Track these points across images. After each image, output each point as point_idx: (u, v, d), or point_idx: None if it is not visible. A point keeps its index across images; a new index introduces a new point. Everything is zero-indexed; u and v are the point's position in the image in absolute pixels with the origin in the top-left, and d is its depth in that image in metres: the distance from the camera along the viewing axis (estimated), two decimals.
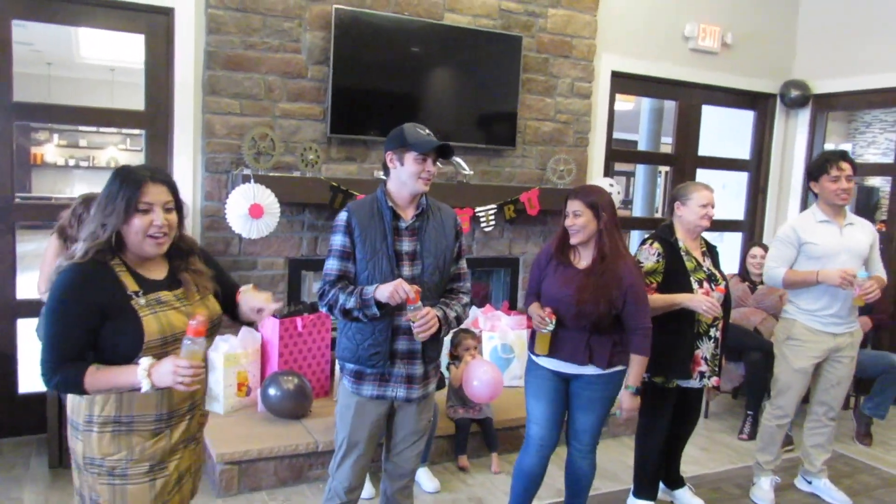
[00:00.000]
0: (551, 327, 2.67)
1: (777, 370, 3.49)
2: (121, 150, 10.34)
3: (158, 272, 1.86)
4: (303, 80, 4.05)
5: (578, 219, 2.71)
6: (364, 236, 2.32)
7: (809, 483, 3.57)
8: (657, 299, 2.99)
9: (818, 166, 3.35)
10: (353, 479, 2.41)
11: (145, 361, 1.69)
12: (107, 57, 8.60)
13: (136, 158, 9.59)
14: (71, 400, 1.85)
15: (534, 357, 2.83)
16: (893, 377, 4.28)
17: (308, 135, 4.09)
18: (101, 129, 9.88)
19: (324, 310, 2.36)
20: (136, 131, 9.13)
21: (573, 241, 2.75)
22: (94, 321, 1.72)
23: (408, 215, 2.39)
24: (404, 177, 2.34)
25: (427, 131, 2.38)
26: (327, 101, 4.06)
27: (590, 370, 2.74)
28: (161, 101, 3.91)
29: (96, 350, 1.76)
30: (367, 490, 3.23)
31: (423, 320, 2.22)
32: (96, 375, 1.72)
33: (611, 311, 2.68)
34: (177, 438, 1.87)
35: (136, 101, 4.02)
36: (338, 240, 2.36)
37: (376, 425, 2.44)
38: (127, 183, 1.75)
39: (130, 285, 1.77)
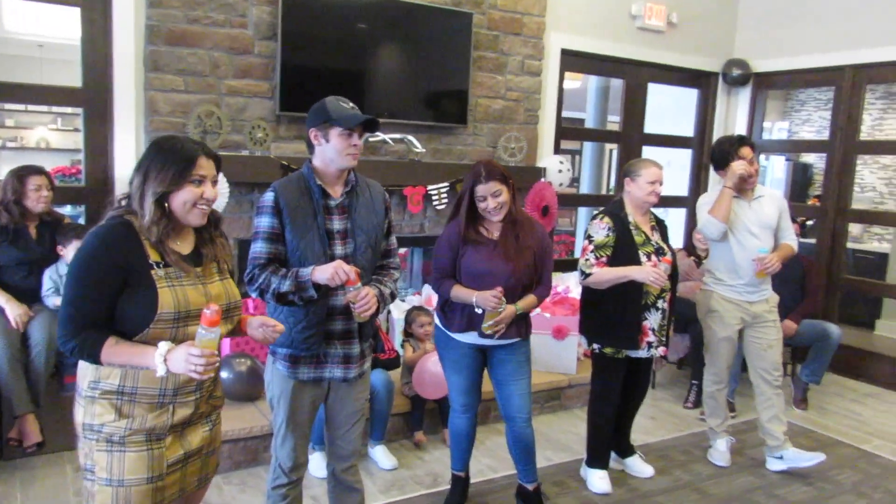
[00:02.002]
0: (504, 305, 2.71)
1: (706, 340, 3.65)
2: (51, 129, 9.87)
3: (186, 244, 1.88)
4: (250, 56, 3.95)
5: (500, 197, 2.76)
6: (293, 216, 2.24)
7: (780, 458, 3.58)
8: (606, 272, 3.07)
9: (721, 156, 3.48)
10: (296, 458, 2.39)
11: (164, 346, 1.71)
12: (34, 31, 8.18)
13: (69, 138, 9.20)
14: (80, 367, 1.84)
15: (448, 332, 2.88)
16: (827, 345, 4.49)
17: (256, 112, 4.00)
18: (30, 108, 9.42)
19: (254, 295, 2.28)
20: (69, 110, 8.75)
21: (497, 218, 2.80)
22: (117, 284, 1.73)
23: (337, 193, 2.33)
24: (330, 153, 2.27)
25: (351, 104, 2.31)
26: (276, 77, 3.97)
27: (504, 339, 2.84)
28: (100, 77, 3.76)
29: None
30: (322, 470, 3.23)
31: (363, 301, 2.19)
32: (114, 348, 1.73)
33: (535, 270, 2.82)
34: (182, 417, 1.85)
35: (67, 78, 3.85)
36: (265, 221, 2.26)
37: (314, 406, 2.41)
38: (181, 154, 1.79)
39: (153, 255, 1.77)
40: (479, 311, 2.73)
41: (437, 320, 2.99)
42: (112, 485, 1.77)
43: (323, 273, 2.15)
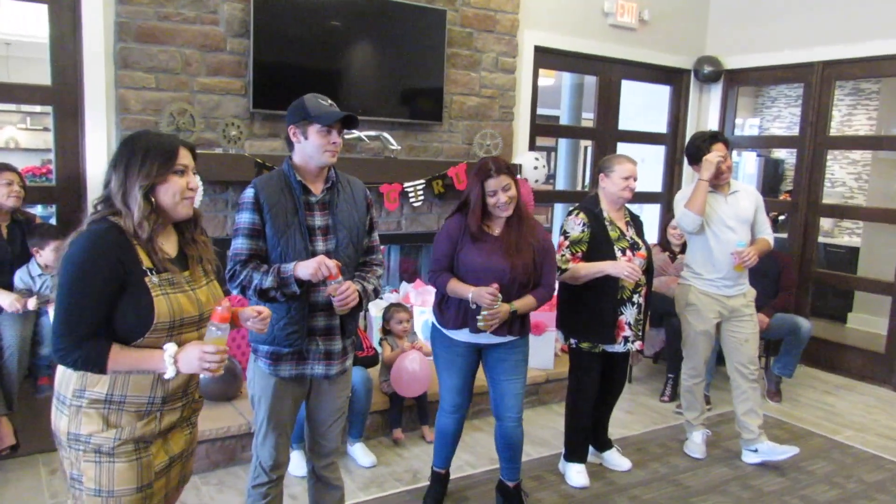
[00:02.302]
0: (500, 302, 2.69)
1: (684, 334, 3.68)
2: (20, 129, 9.69)
3: (170, 246, 1.84)
4: (222, 54, 3.91)
5: (510, 191, 2.75)
6: (274, 212, 2.24)
7: (755, 451, 3.61)
8: (581, 267, 3.10)
9: (696, 151, 3.52)
10: (277, 456, 2.38)
11: (171, 347, 1.70)
12: (1, 30, 8.04)
13: (39, 138, 9.03)
14: (60, 373, 1.78)
15: (444, 330, 2.86)
16: (797, 338, 4.57)
17: (230, 110, 3.96)
18: None
19: (235, 292, 2.27)
20: (38, 109, 8.60)
21: (506, 213, 2.78)
22: (114, 291, 1.68)
23: (317, 189, 2.33)
24: (310, 150, 2.27)
25: (329, 101, 2.31)
26: (248, 75, 3.94)
27: (501, 338, 2.83)
28: (69, 75, 3.70)
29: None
30: (301, 469, 3.22)
31: (343, 294, 2.19)
32: (120, 356, 1.69)
33: (534, 268, 2.80)
34: (167, 423, 1.82)
35: (35, 77, 3.79)
36: (245, 217, 2.25)
37: (296, 404, 2.41)
38: (161, 146, 1.77)
39: (145, 261, 1.73)
40: (474, 306, 2.71)
41: (432, 318, 2.95)
42: (101, 495, 1.74)
43: (306, 269, 2.15)
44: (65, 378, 1.77)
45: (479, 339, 2.82)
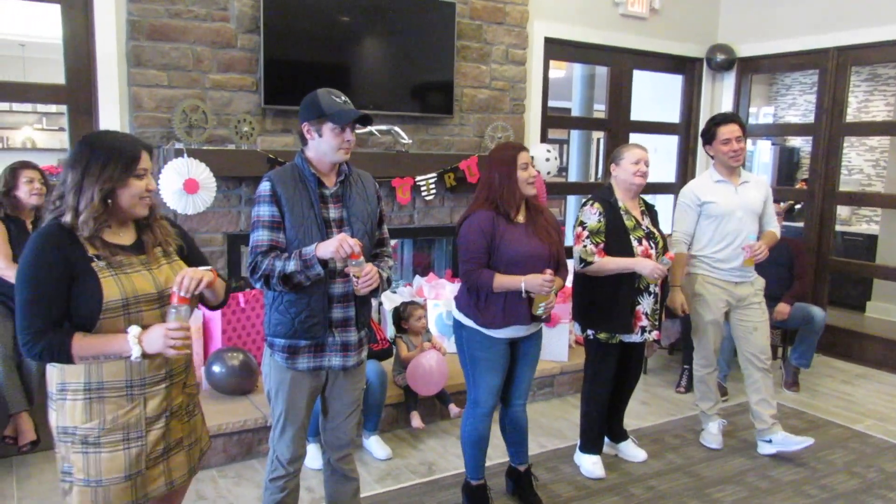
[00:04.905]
0: (553, 286, 2.67)
1: (693, 325, 3.66)
2: (37, 129, 9.80)
3: (127, 235, 1.87)
4: (233, 50, 3.93)
5: (533, 169, 2.77)
6: (291, 205, 2.25)
7: (769, 442, 3.57)
8: (609, 262, 3.08)
9: (709, 130, 3.50)
10: (295, 450, 2.40)
11: (135, 329, 1.73)
12: (16, 31, 8.12)
13: (55, 138, 9.13)
14: (48, 371, 1.83)
15: (485, 331, 2.76)
16: (813, 328, 4.52)
17: (241, 106, 3.98)
18: (15, 108, 9.36)
19: (257, 285, 2.26)
20: (53, 109, 8.69)
21: (532, 191, 2.78)
22: (66, 281, 1.73)
23: (331, 182, 2.34)
24: (324, 147, 2.28)
25: (343, 98, 2.30)
26: (259, 71, 3.95)
27: (534, 327, 2.84)
28: (83, 74, 3.73)
29: None
30: (317, 461, 3.24)
31: (367, 276, 2.19)
32: (83, 342, 1.73)
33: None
34: (154, 408, 1.85)
35: (50, 76, 3.83)
36: (265, 210, 2.26)
37: (312, 397, 2.41)
38: (124, 151, 1.80)
39: (90, 249, 1.77)
40: (525, 295, 2.66)
41: (466, 321, 2.81)
42: (90, 485, 1.78)
43: (327, 247, 2.15)
44: (49, 375, 1.82)
45: (518, 333, 2.80)
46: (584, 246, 3.10)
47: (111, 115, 3.72)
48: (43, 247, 1.73)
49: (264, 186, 2.28)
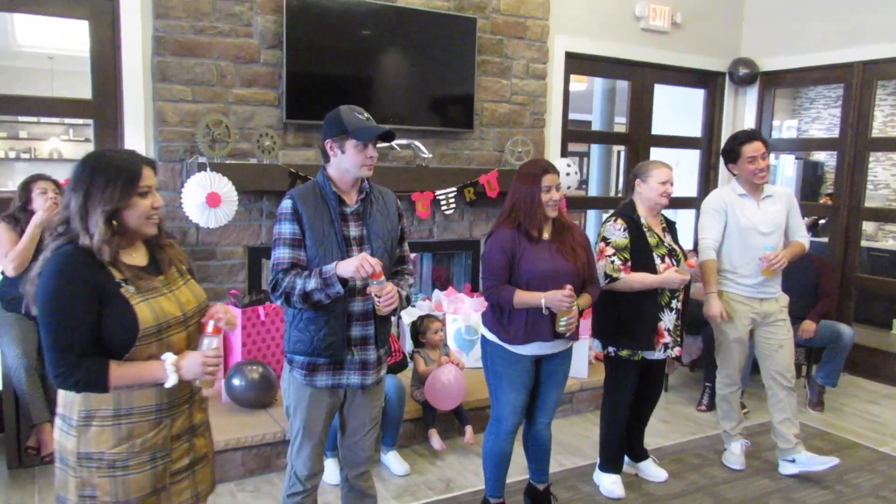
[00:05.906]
0: (575, 303, 2.67)
1: (717, 342, 3.61)
2: (63, 140, 9.98)
3: (140, 256, 1.84)
4: (256, 65, 3.97)
5: (558, 192, 2.75)
6: (312, 223, 2.26)
7: (793, 462, 3.51)
8: (636, 279, 3.06)
9: (733, 149, 3.44)
10: (312, 466, 2.40)
11: (170, 357, 1.74)
12: (45, 45, 8.28)
13: (81, 149, 9.28)
14: (63, 395, 1.78)
15: (509, 347, 2.76)
16: (839, 346, 4.44)
17: (264, 121, 4.02)
18: (42, 120, 9.54)
19: (278, 302, 2.27)
20: (80, 121, 8.83)
21: (553, 213, 2.77)
22: (95, 308, 1.67)
23: (352, 200, 2.35)
24: (346, 164, 2.29)
25: (366, 115, 2.32)
26: (282, 86, 3.99)
27: (560, 346, 2.80)
28: (109, 88, 3.79)
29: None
30: (334, 477, 3.23)
31: (388, 295, 2.20)
32: (119, 371, 1.69)
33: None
34: (179, 427, 1.86)
35: (77, 89, 3.89)
36: (286, 228, 2.27)
37: (331, 414, 2.42)
38: (124, 169, 1.74)
39: (116, 274, 1.73)
40: (547, 312, 2.66)
41: (490, 336, 2.82)
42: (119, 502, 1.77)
43: (348, 266, 2.15)
44: (68, 400, 1.76)
45: (543, 350, 2.78)
46: (612, 262, 3.08)
47: (136, 130, 3.77)
48: (66, 271, 1.67)
49: (286, 204, 2.29)
